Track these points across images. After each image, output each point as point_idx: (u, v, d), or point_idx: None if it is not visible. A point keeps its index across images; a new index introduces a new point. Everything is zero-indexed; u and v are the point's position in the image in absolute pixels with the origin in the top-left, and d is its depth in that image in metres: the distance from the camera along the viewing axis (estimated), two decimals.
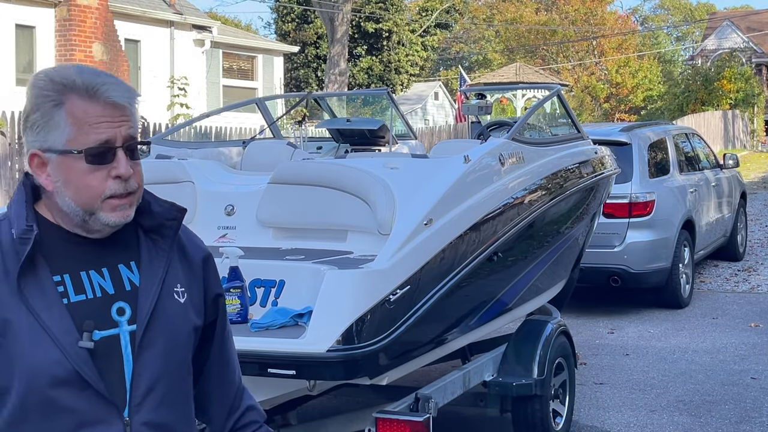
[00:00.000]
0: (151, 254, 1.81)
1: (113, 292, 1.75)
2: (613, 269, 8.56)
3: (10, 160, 10.78)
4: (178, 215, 1.86)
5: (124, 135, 1.72)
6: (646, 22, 64.43)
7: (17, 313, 1.66)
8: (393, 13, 34.46)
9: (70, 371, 1.66)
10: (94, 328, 1.70)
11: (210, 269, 1.94)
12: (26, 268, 1.68)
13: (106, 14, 17.79)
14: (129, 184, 1.73)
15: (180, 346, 1.81)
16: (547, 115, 6.91)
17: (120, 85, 1.74)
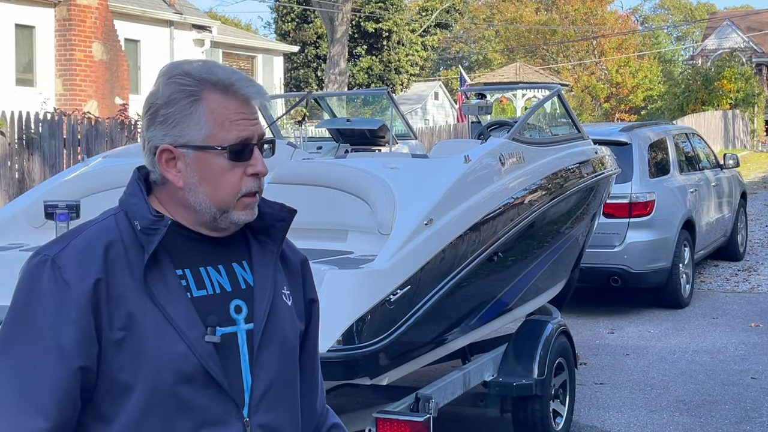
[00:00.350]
0: (262, 256, 1.78)
1: (230, 289, 1.72)
2: (614, 269, 8.55)
3: (10, 160, 10.77)
4: (288, 216, 1.82)
5: (259, 133, 1.70)
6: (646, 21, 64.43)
7: (142, 307, 1.62)
8: (393, 12, 34.46)
9: (196, 366, 1.62)
10: (217, 323, 1.67)
11: (307, 273, 1.90)
12: (150, 261, 1.64)
13: (106, 14, 17.79)
14: (261, 182, 1.73)
15: (291, 349, 1.79)
16: (547, 115, 6.90)
17: (253, 83, 1.71)
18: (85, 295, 1.60)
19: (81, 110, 13.70)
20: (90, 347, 1.61)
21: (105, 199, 4.62)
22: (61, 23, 17.51)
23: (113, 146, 11.40)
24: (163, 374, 1.61)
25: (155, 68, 20.58)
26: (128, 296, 1.62)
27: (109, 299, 1.62)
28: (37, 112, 11.29)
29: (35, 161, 10.95)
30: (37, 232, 4.50)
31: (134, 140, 11.84)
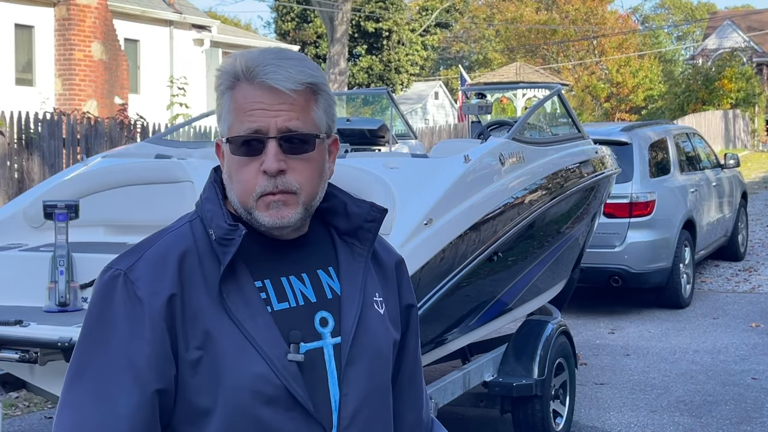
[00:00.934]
0: (349, 260, 1.62)
1: (315, 300, 1.57)
2: (614, 269, 8.54)
3: (10, 160, 10.76)
4: (377, 216, 1.65)
5: (279, 126, 1.50)
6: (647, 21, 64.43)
7: (219, 324, 1.48)
8: (393, 12, 34.45)
9: (278, 387, 1.48)
10: (301, 339, 1.52)
11: (403, 275, 1.74)
12: (227, 274, 1.51)
13: (106, 14, 17.79)
14: (281, 180, 1.50)
15: (383, 363, 1.62)
16: (547, 115, 6.89)
17: (287, 67, 1.50)
18: (159, 311, 1.48)
19: (80, 110, 13.69)
20: (166, 368, 1.48)
21: (104, 199, 4.63)
22: (60, 23, 17.50)
23: (113, 146, 11.39)
24: (243, 397, 1.47)
25: (155, 68, 20.59)
26: (204, 312, 1.49)
27: (184, 316, 1.49)
28: (37, 112, 11.28)
29: (35, 161, 10.94)
30: (37, 232, 4.49)
31: (134, 140, 11.83)
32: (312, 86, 1.53)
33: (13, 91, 17.20)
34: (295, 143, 1.52)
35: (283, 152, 1.51)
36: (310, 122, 1.53)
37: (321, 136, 1.55)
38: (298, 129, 1.51)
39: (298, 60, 1.53)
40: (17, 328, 3.64)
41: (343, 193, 1.65)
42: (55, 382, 3.98)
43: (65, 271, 3.95)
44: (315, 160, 1.54)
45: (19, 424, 5.66)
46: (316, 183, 1.55)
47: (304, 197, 1.53)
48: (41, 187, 4.79)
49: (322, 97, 1.55)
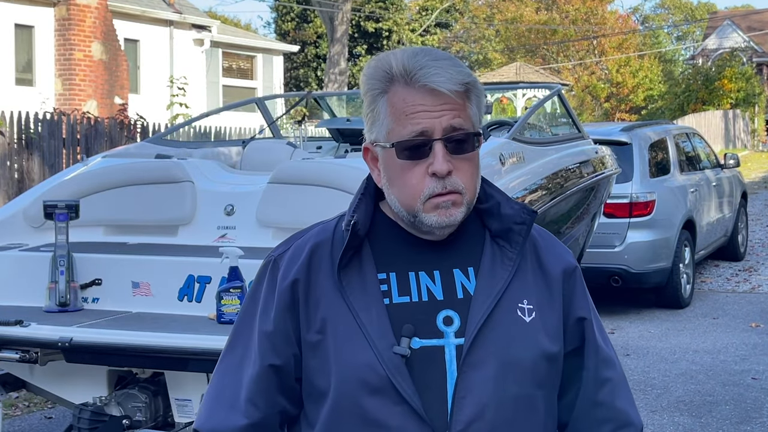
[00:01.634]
0: (495, 262, 1.58)
1: (442, 298, 1.55)
2: (614, 269, 8.54)
3: (9, 159, 10.76)
4: (527, 219, 1.61)
5: (444, 126, 1.50)
6: (647, 21, 64.41)
7: (336, 310, 1.54)
8: (393, 12, 34.45)
9: (382, 378, 1.49)
10: (414, 334, 1.51)
11: (574, 285, 1.65)
12: (351, 264, 1.56)
13: (105, 14, 17.78)
14: (449, 181, 1.51)
15: (520, 374, 1.54)
16: (547, 115, 6.90)
17: (445, 69, 1.51)
18: (283, 294, 1.59)
19: (80, 110, 13.68)
20: (284, 347, 1.58)
21: (104, 199, 4.63)
22: (60, 23, 17.50)
23: (113, 146, 11.39)
24: (349, 384, 1.51)
25: (155, 68, 20.59)
26: (325, 299, 1.56)
27: (308, 301, 1.57)
28: (37, 112, 11.28)
29: (35, 161, 10.94)
30: (37, 232, 4.49)
31: (133, 140, 11.83)
32: (468, 85, 1.54)
33: (13, 91, 17.19)
34: (459, 143, 1.53)
35: (449, 153, 1.52)
36: (469, 120, 1.54)
37: (477, 134, 1.56)
38: (461, 126, 1.52)
39: (451, 60, 1.54)
40: (17, 328, 3.64)
41: (499, 194, 1.64)
42: (55, 382, 3.98)
43: (65, 271, 3.95)
44: (475, 159, 1.56)
45: (19, 424, 5.66)
46: (477, 181, 1.57)
47: (468, 197, 1.55)
48: (41, 187, 4.79)
49: (475, 95, 1.56)
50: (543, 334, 1.57)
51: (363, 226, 1.57)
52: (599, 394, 1.66)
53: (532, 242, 1.63)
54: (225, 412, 1.60)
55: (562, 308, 1.62)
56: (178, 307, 3.88)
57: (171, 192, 4.52)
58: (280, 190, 4.37)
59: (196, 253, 4.09)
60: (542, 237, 1.66)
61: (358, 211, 1.59)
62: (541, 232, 1.67)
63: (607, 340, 1.70)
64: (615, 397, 1.68)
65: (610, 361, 1.67)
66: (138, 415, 3.76)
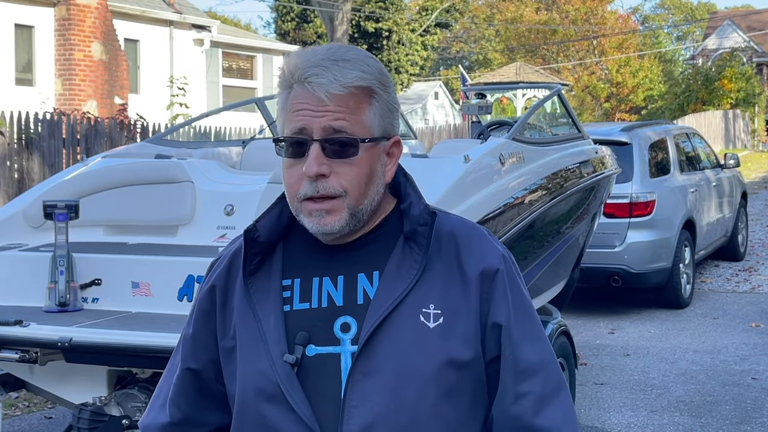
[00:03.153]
0: (402, 265, 1.50)
1: (341, 304, 1.49)
2: (614, 269, 8.54)
3: (9, 159, 10.75)
4: (428, 220, 1.52)
5: (323, 126, 1.45)
6: (647, 21, 64.40)
7: (244, 317, 1.54)
8: (393, 12, 34.44)
9: (275, 386, 1.47)
10: (310, 342, 1.47)
11: (493, 288, 1.52)
12: (260, 269, 1.54)
13: (105, 14, 17.78)
14: (322, 185, 1.46)
15: (420, 383, 1.45)
16: (547, 115, 6.89)
17: (334, 70, 1.46)
18: (201, 300, 1.62)
19: (80, 110, 13.69)
20: (202, 352, 1.61)
21: (104, 199, 4.63)
22: (60, 23, 17.50)
23: (113, 146, 11.39)
24: (249, 391, 1.50)
25: (155, 68, 20.58)
26: (237, 305, 1.56)
27: (225, 307, 1.58)
28: (37, 112, 11.28)
29: (34, 161, 10.94)
30: (37, 232, 4.49)
31: (133, 140, 11.83)
32: (361, 89, 1.48)
33: (13, 91, 17.19)
34: (340, 146, 1.46)
35: (326, 155, 1.46)
36: (360, 125, 1.48)
37: (367, 139, 1.48)
38: (344, 129, 1.46)
39: (352, 61, 1.48)
40: (17, 328, 3.64)
41: (414, 193, 1.57)
42: (55, 382, 3.98)
43: (65, 271, 3.95)
44: (362, 164, 1.48)
45: (19, 424, 5.66)
46: (364, 186, 1.48)
47: (349, 201, 1.47)
48: (41, 187, 4.79)
49: (376, 100, 1.49)
50: (451, 341, 1.47)
51: (268, 232, 1.55)
52: (514, 408, 1.51)
53: (454, 243, 1.54)
54: (156, 411, 1.66)
55: (480, 313, 1.50)
56: (178, 307, 3.88)
57: (171, 192, 4.52)
58: (280, 190, 4.36)
59: (196, 253, 4.09)
60: (468, 236, 1.56)
61: (266, 216, 1.57)
62: (469, 232, 1.57)
63: (538, 347, 1.54)
64: (535, 413, 1.51)
65: (531, 372, 1.51)
66: (138, 415, 3.76)
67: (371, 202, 1.51)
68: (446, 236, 1.55)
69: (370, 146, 1.49)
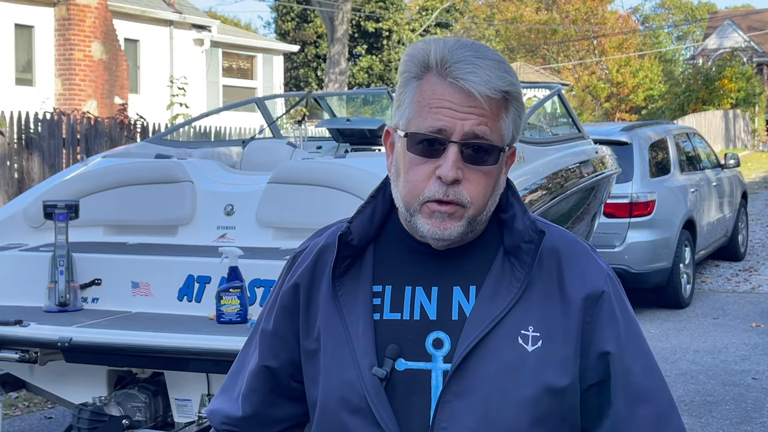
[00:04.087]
0: (501, 281, 1.42)
1: (435, 318, 1.42)
2: (614, 269, 8.53)
3: (9, 159, 10.75)
4: (534, 238, 1.43)
5: (466, 130, 1.36)
6: (647, 21, 64.41)
7: (330, 320, 1.46)
8: (393, 12, 34.44)
9: (361, 399, 1.40)
10: (400, 355, 1.40)
11: (596, 313, 1.44)
12: (350, 271, 1.47)
13: (105, 13, 17.78)
14: (454, 190, 1.38)
15: (513, 408, 1.38)
16: (547, 115, 6.89)
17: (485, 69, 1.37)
18: (284, 296, 1.54)
19: (80, 110, 13.68)
20: (281, 350, 1.54)
21: (104, 199, 4.63)
22: (60, 23, 17.49)
23: (113, 146, 11.39)
24: (331, 398, 1.44)
25: (155, 68, 20.58)
26: (323, 306, 1.48)
27: (309, 306, 1.50)
28: (37, 112, 11.28)
29: (34, 161, 10.94)
30: (37, 232, 4.49)
31: (133, 140, 11.83)
32: (507, 95, 1.40)
33: (13, 91, 17.19)
34: (478, 153, 1.39)
35: (463, 160, 1.38)
36: (497, 132, 1.40)
37: (505, 148, 1.42)
38: (485, 136, 1.38)
39: (497, 62, 1.39)
40: (17, 328, 3.64)
41: (519, 205, 1.48)
42: (55, 382, 3.98)
43: (65, 271, 3.95)
44: (493, 174, 1.41)
45: (19, 424, 5.66)
46: (488, 198, 1.42)
47: (471, 212, 1.40)
48: (41, 187, 4.78)
49: (514, 106, 1.42)
50: (548, 366, 1.41)
51: (360, 235, 1.47)
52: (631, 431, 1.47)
53: (556, 260, 1.46)
54: (226, 400, 1.61)
55: (581, 338, 1.43)
56: (178, 307, 3.88)
57: (171, 192, 4.52)
58: (280, 190, 4.37)
59: (196, 253, 4.09)
60: (572, 253, 1.48)
61: (358, 217, 1.49)
62: (573, 247, 1.49)
63: (649, 370, 1.49)
64: None
65: (645, 396, 1.46)
66: (138, 415, 3.76)
67: (488, 213, 1.44)
68: (548, 252, 1.46)
69: (502, 156, 1.43)
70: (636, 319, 1.53)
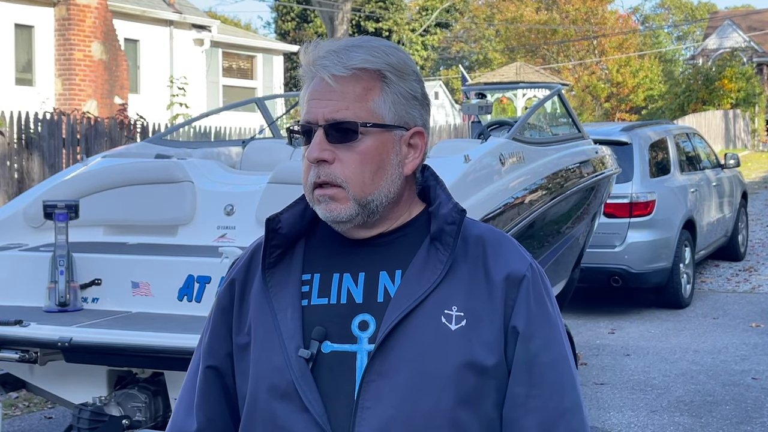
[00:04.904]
0: (426, 265, 1.46)
1: (361, 301, 1.45)
2: (614, 269, 8.54)
3: (9, 159, 10.75)
4: (456, 218, 1.48)
5: (327, 116, 1.44)
6: (647, 21, 64.40)
7: (260, 312, 1.49)
8: (393, 12, 34.44)
9: (289, 383, 1.42)
10: (326, 338, 1.43)
11: (518, 293, 1.47)
12: (280, 263, 1.51)
13: (105, 13, 17.78)
14: (324, 171, 1.44)
15: (437, 386, 1.40)
16: (547, 115, 6.90)
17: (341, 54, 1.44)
18: (221, 296, 1.58)
19: (80, 110, 13.68)
20: (218, 347, 1.56)
21: (104, 199, 4.63)
22: (60, 23, 17.49)
23: (113, 146, 11.39)
24: (260, 387, 1.46)
25: (155, 68, 20.58)
26: (254, 299, 1.51)
27: (242, 302, 1.54)
28: (37, 112, 11.28)
29: (34, 161, 10.94)
30: (37, 232, 4.49)
31: (133, 140, 11.83)
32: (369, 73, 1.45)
33: (13, 91, 17.19)
34: (342, 132, 1.44)
35: (329, 141, 1.44)
36: (365, 111, 1.45)
37: (369, 124, 1.45)
38: (346, 118, 1.44)
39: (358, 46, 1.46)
40: (17, 328, 3.64)
41: (442, 192, 1.53)
42: (55, 382, 3.98)
43: (65, 271, 3.95)
44: (365, 151, 1.45)
45: (19, 424, 5.66)
46: (369, 176, 1.45)
47: (354, 192, 1.44)
48: (41, 187, 4.79)
49: (388, 86, 1.46)
50: (473, 344, 1.42)
51: (290, 226, 1.51)
52: (524, 422, 1.45)
53: (482, 246, 1.49)
54: (182, 417, 1.60)
55: (503, 319, 1.45)
56: (178, 307, 3.88)
57: (171, 192, 4.52)
58: (280, 190, 4.37)
59: (196, 253, 4.09)
60: (497, 242, 1.51)
61: (290, 209, 1.53)
62: (498, 238, 1.52)
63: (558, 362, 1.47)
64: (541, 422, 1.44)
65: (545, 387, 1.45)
66: (138, 415, 3.76)
67: (386, 194, 1.47)
68: (474, 240, 1.51)
69: (377, 133, 1.46)
70: (555, 314, 1.52)
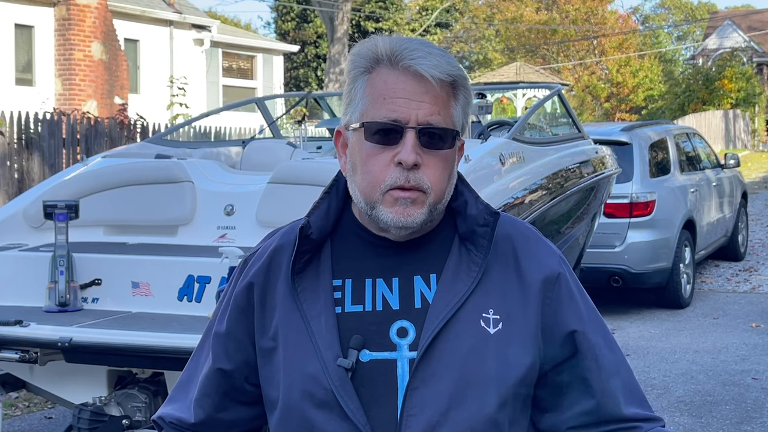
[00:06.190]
0: (459, 268, 1.45)
1: (398, 307, 1.43)
2: (614, 269, 8.54)
3: (9, 159, 10.75)
4: (489, 221, 1.46)
5: (420, 118, 1.39)
6: (647, 21, 64.40)
7: (289, 317, 1.46)
8: (393, 12, 34.44)
9: (327, 392, 1.40)
10: (364, 346, 1.41)
11: (555, 293, 1.48)
12: (308, 268, 1.47)
13: (105, 13, 17.78)
14: (414, 176, 1.39)
15: (480, 390, 1.40)
16: (547, 115, 6.90)
17: (434, 56, 1.40)
18: (238, 297, 1.53)
19: (80, 110, 13.68)
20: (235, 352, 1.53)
21: (104, 199, 4.63)
22: (60, 23, 17.50)
23: (113, 146, 11.39)
24: (294, 394, 1.43)
25: (155, 68, 20.58)
26: (280, 304, 1.48)
27: (264, 305, 1.50)
28: (37, 112, 11.28)
29: (34, 161, 10.94)
30: (37, 232, 4.49)
31: (133, 140, 11.83)
32: (456, 80, 1.43)
33: (13, 91, 17.19)
34: (434, 138, 1.41)
35: (421, 146, 1.40)
36: (449, 118, 1.43)
37: (459, 133, 1.45)
38: (439, 124, 1.41)
39: (443, 51, 1.44)
40: (17, 328, 3.64)
41: (469, 192, 1.51)
42: (55, 382, 3.98)
43: (65, 271, 3.95)
44: (449, 160, 1.44)
45: (19, 424, 5.66)
46: (446, 184, 1.44)
47: (432, 198, 1.42)
48: (41, 187, 4.79)
49: (462, 94, 1.45)
50: (510, 347, 1.43)
51: (318, 230, 1.48)
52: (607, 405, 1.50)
53: (510, 245, 1.50)
54: (177, 408, 1.59)
55: (542, 319, 1.47)
56: (178, 307, 3.88)
57: (171, 192, 4.52)
58: (280, 190, 4.37)
59: (196, 253, 4.09)
60: (525, 238, 1.51)
61: (315, 212, 1.50)
62: (525, 233, 1.53)
63: (611, 343, 1.56)
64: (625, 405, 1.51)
65: (614, 368, 1.52)
66: (138, 415, 3.76)
67: (445, 202, 1.46)
68: (502, 238, 1.49)
69: (457, 141, 1.46)
70: (585, 294, 1.58)
